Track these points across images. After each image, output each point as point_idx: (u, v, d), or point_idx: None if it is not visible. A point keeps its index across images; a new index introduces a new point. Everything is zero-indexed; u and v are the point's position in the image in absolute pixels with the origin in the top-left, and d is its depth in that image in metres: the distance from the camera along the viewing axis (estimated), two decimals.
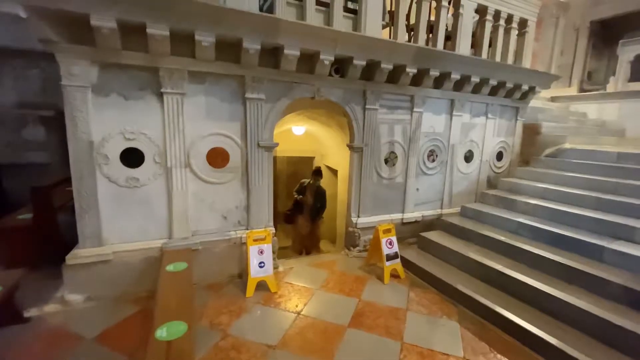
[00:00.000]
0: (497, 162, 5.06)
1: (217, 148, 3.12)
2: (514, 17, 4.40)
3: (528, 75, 4.58)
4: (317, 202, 4.76)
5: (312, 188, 4.76)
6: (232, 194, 3.28)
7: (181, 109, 2.91)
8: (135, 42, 2.64)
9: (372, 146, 4.00)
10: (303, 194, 4.79)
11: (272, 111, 3.32)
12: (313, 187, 4.75)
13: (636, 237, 3.07)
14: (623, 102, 6.51)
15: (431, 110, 4.32)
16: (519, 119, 5.04)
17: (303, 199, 4.78)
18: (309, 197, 4.76)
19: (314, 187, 4.75)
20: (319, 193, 4.77)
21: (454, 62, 3.89)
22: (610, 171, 4.00)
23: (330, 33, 3.14)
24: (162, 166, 2.96)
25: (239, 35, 2.79)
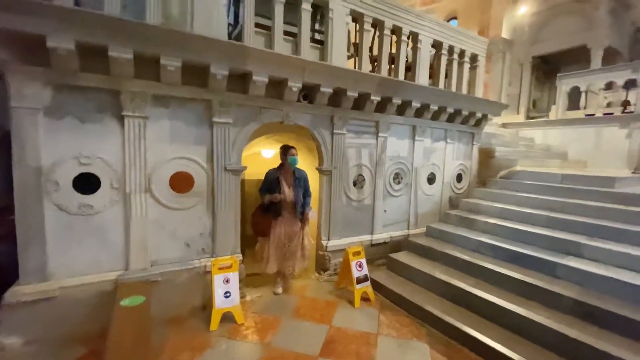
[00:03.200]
0: (457, 184, 5.34)
1: (181, 172, 3.02)
2: (466, 52, 4.84)
3: (480, 104, 4.99)
4: (299, 191, 3.55)
5: (286, 174, 3.57)
6: (196, 220, 3.15)
7: (143, 133, 2.81)
8: (96, 64, 2.55)
9: (341, 169, 4.08)
10: (275, 189, 3.48)
11: (240, 135, 3.30)
12: (288, 171, 3.57)
13: (583, 252, 3.32)
14: (564, 128, 7.25)
15: (395, 135, 4.52)
16: (475, 143, 5.41)
17: (278, 197, 3.43)
18: (287, 189, 3.51)
19: (289, 171, 3.57)
20: (298, 177, 3.58)
21: (414, 91, 4.16)
22: (556, 191, 4.36)
23: (298, 62, 3.25)
24: (120, 192, 2.80)
25: (207, 61, 2.80)
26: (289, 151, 3.54)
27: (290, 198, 3.52)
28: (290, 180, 3.58)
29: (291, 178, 3.58)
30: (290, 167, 3.58)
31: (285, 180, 3.56)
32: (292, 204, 3.56)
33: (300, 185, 3.59)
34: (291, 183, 3.57)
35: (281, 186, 3.52)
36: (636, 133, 6.14)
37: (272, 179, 3.53)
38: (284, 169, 3.59)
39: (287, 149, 3.55)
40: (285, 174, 3.58)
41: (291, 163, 3.54)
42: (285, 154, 3.55)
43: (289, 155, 3.52)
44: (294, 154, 3.54)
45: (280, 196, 3.46)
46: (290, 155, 3.51)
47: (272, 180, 3.53)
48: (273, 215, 3.52)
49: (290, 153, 3.52)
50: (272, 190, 3.48)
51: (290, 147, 3.57)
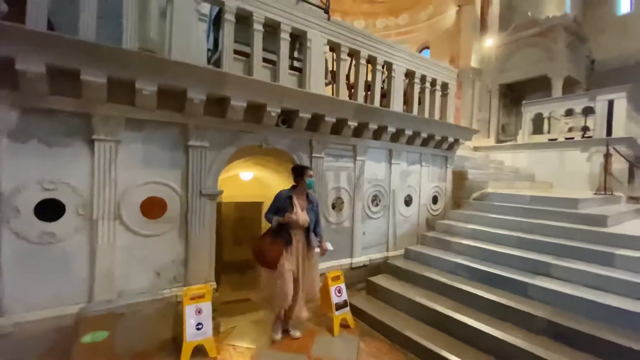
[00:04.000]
0: (433, 206, 5.47)
1: (154, 197, 2.93)
2: (437, 81, 5.11)
3: (452, 129, 5.23)
4: (312, 217, 3.21)
5: (300, 196, 3.20)
6: (168, 246, 3.02)
7: (114, 157, 2.73)
8: (67, 87, 2.49)
9: (320, 192, 4.09)
10: (287, 210, 3.07)
11: (216, 159, 3.27)
12: (301, 194, 3.22)
13: (552, 272, 3.44)
14: (530, 151, 7.68)
15: (373, 159, 4.62)
16: (448, 166, 5.61)
17: (293, 217, 3.02)
18: (300, 211, 3.11)
19: (303, 193, 3.23)
20: (312, 201, 3.26)
21: (389, 117, 4.31)
22: (525, 212, 4.55)
23: (277, 88, 3.31)
24: (86, 219, 2.67)
25: (184, 86, 2.80)
26: (305, 172, 3.18)
27: (304, 222, 3.11)
28: (304, 204, 3.20)
29: (305, 201, 3.22)
30: (304, 190, 3.23)
31: (298, 198, 3.17)
32: (305, 231, 3.18)
33: (314, 210, 3.24)
34: (305, 206, 3.19)
35: (294, 207, 3.10)
36: (595, 156, 6.57)
37: (283, 198, 3.13)
38: (298, 191, 3.21)
39: (303, 170, 3.20)
40: (298, 196, 3.19)
41: (309, 185, 3.19)
42: (301, 174, 3.18)
43: (306, 177, 3.16)
44: (312, 175, 3.23)
45: (293, 216, 3.03)
46: (308, 177, 3.17)
47: (284, 200, 3.11)
48: (284, 242, 3.05)
49: (308, 174, 3.17)
50: (284, 211, 3.07)
51: (305, 167, 3.28)
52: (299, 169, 3.24)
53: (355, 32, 4.13)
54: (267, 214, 3.17)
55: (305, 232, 3.19)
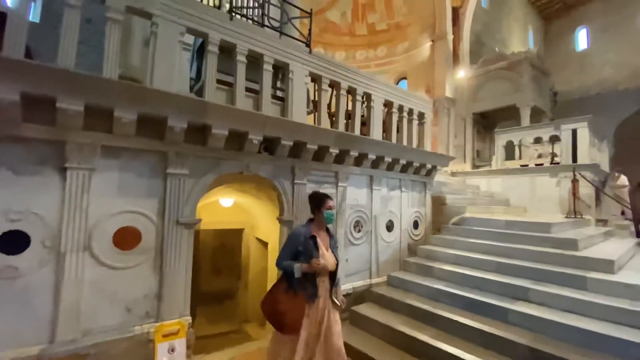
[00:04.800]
0: (414, 230, 5.53)
1: (128, 227, 2.81)
2: (414, 111, 5.35)
3: (429, 156, 5.42)
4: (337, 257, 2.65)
5: (321, 232, 2.65)
6: (141, 279, 2.87)
7: (87, 186, 2.63)
8: (40, 114, 2.43)
9: (302, 219, 4.05)
10: (311, 254, 2.46)
11: (196, 186, 3.21)
12: (321, 228, 2.67)
13: (531, 297, 3.51)
14: (504, 177, 8.02)
15: (354, 185, 4.68)
16: (427, 191, 5.75)
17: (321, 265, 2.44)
18: (326, 252, 2.55)
19: (322, 228, 2.69)
20: (333, 237, 2.74)
21: (369, 144, 4.43)
22: (502, 237, 4.68)
23: (259, 117, 3.35)
24: (53, 251, 2.51)
25: (164, 114, 2.78)
26: (324, 202, 2.62)
27: (332, 265, 2.53)
28: (326, 240, 2.63)
29: (327, 238, 2.65)
30: (323, 224, 2.69)
31: (322, 240, 2.58)
32: (330, 275, 2.57)
33: (336, 247, 2.68)
34: (329, 245, 2.62)
35: (319, 249, 2.50)
36: (564, 181, 6.94)
37: (304, 238, 2.50)
38: (317, 226, 2.65)
39: (321, 200, 2.63)
40: (319, 232, 2.61)
41: (327, 219, 2.64)
42: (318, 205, 2.62)
43: (324, 208, 2.61)
44: (332, 206, 2.65)
45: (322, 263, 2.43)
46: (327, 209, 2.61)
47: (305, 241, 2.49)
48: (308, 297, 2.41)
49: (327, 205, 2.62)
50: (305, 255, 2.46)
51: (325, 196, 2.68)
52: (317, 199, 2.66)
53: (336, 65, 4.31)
54: (282, 261, 2.53)
55: (330, 276, 2.58)
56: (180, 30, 3.07)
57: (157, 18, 2.94)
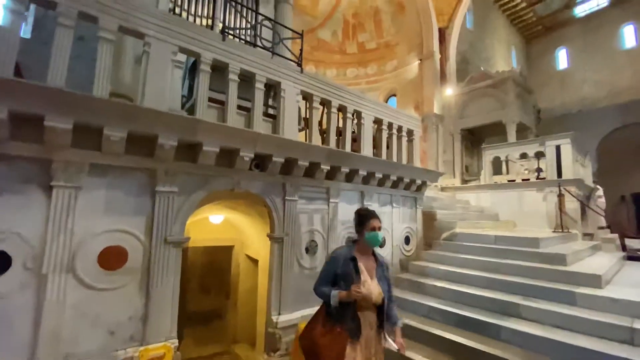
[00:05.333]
0: (406, 246, 5.54)
1: (114, 247, 2.74)
2: (403, 128, 5.46)
3: (419, 172, 5.50)
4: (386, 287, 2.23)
5: (365, 256, 2.28)
6: (125, 301, 2.77)
7: (73, 204, 2.57)
8: (28, 132, 2.39)
9: (293, 236, 4.03)
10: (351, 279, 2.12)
11: (185, 204, 3.17)
12: (366, 252, 2.31)
13: (521, 313, 3.52)
14: (492, 192, 8.16)
15: (345, 201, 4.70)
16: (418, 207, 5.80)
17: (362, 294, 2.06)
18: (369, 279, 2.17)
19: (368, 251, 2.32)
20: (382, 263, 2.33)
21: (360, 161, 4.48)
22: (492, 252, 4.72)
23: (250, 134, 3.37)
24: (34, 273, 2.42)
25: (155, 132, 2.78)
26: (368, 222, 2.25)
27: (377, 298, 2.12)
28: (372, 267, 2.25)
29: (374, 264, 2.27)
30: (369, 247, 2.32)
31: (365, 265, 2.22)
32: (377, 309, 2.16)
33: (386, 277, 2.26)
34: (374, 272, 2.22)
35: (360, 274, 2.15)
36: (550, 196, 7.09)
37: (342, 261, 2.20)
38: (361, 247, 2.30)
39: (364, 218, 2.29)
40: (363, 257, 2.25)
41: (370, 242, 2.25)
42: (361, 224, 2.30)
43: (367, 229, 2.24)
44: (376, 227, 2.24)
45: (363, 289, 2.06)
46: (370, 230, 2.23)
47: (344, 264, 2.18)
48: (350, 333, 2.05)
49: (371, 225, 2.23)
50: (346, 281, 2.11)
51: (369, 214, 2.30)
52: (360, 216, 2.32)
53: (327, 83, 4.40)
54: (319, 286, 2.23)
55: (377, 311, 2.16)
56: (173, 49, 3.11)
57: (149, 38, 2.97)
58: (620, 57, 14.17)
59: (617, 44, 14.40)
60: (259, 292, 4.86)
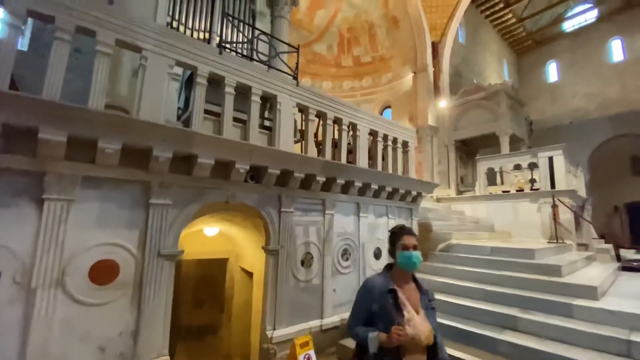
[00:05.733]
0: None
1: (106, 260, 2.69)
2: (398, 140, 5.51)
3: (414, 183, 5.53)
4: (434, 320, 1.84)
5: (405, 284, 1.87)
6: (116, 316, 2.71)
7: (65, 217, 2.54)
8: (20, 145, 2.38)
9: (288, 248, 4.00)
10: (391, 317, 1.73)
11: (179, 216, 3.15)
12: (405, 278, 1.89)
13: (519, 326, 3.49)
14: (487, 202, 8.20)
15: (341, 212, 4.69)
16: (413, 218, 5.81)
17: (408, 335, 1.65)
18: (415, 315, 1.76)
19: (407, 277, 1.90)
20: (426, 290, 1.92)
21: (355, 172, 4.50)
22: (488, 264, 4.71)
23: (246, 146, 3.38)
24: (23, 287, 2.37)
25: (150, 145, 2.77)
26: (399, 239, 1.89)
27: (428, 339, 1.70)
28: (415, 297, 1.83)
29: (417, 292, 1.86)
30: (408, 272, 1.89)
31: (407, 296, 1.80)
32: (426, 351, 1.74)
33: (433, 307, 1.88)
34: (419, 303, 1.81)
35: (402, 309, 1.74)
36: (544, 207, 7.14)
37: (378, 293, 1.80)
38: (398, 273, 1.88)
39: (395, 236, 1.93)
40: (403, 285, 1.84)
41: (404, 265, 1.84)
42: (393, 243, 1.93)
43: (399, 248, 1.86)
44: (409, 245, 1.85)
45: (408, 331, 1.65)
46: (403, 249, 1.84)
47: (381, 297, 1.77)
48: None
49: (403, 244, 1.86)
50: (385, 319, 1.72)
51: (401, 230, 1.95)
52: (392, 234, 1.97)
53: (322, 96, 4.45)
54: (353, 326, 1.87)
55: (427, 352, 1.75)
56: (170, 63, 3.14)
57: (146, 52, 3.00)
58: (608, 71, 14.57)
59: (606, 58, 14.83)
60: (254, 306, 4.79)
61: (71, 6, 2.61)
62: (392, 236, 1.97)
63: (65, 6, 2.59)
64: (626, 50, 14.22)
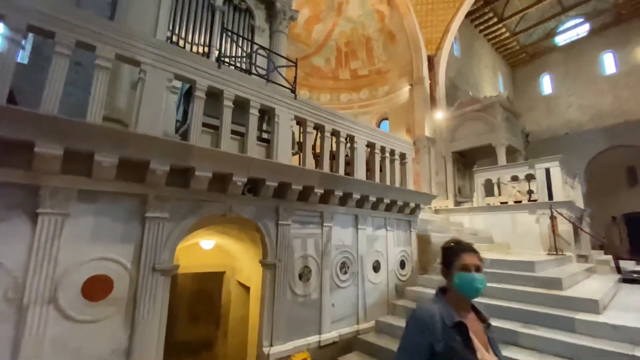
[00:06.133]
0: (401, 271, 5.45)
1: (99, 276, 2.64)
2: (396, 152, 5.53)
3: (412, 195, 5.52)
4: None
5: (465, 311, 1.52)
6: (109, 333, 2.64)
7: (59, 232, 2.50)
8: (16, 158, 2.36)
9: (286, 261, 3.95)
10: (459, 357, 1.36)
11: (175, 230, 3.11)
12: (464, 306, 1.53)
13: (521, 341, 3.42)
14: (485, 214, 8.18)
15: (339, 225, 4.66)
16: (412, 230, 5.77)
17: None
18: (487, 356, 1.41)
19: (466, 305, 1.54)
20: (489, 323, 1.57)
21: (353, 184, 4.49)
22: (488, 276, 4.59)
23: (244, 159, 3.38)
24: (15, 304, 2.31)
25: (147, 158, 2.76)
26: (456, 258, 1.55)
27: None
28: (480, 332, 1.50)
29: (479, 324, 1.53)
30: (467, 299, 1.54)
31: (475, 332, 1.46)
32: None
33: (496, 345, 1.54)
34: (486, 338, 1.50)
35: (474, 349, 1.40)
36: (542, 218, 7.12)
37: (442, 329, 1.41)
38: (456, 299, 1.53)
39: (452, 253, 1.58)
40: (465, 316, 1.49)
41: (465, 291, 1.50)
42: (449, 263, 1.57)
43: (457, 270, 1.52)
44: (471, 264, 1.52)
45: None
46: (460, 269, 1.51)
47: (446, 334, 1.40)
48: None
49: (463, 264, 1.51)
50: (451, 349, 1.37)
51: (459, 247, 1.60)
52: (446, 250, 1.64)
53: (320, 109, 4.49)
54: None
55: None
56: (168, 76, 3.16)
57: (145, 66, 3.02)
58: (601, 83, 14.82)
59: (598, 71, 15.10)
60: (250, 321, 4.70)
61: (72, 21, 2.64)
62: (447, 253, 1.61)
63: (65, 21, 2.62)
64: (618, 63, 14.50)
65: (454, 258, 1.56)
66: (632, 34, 14.21)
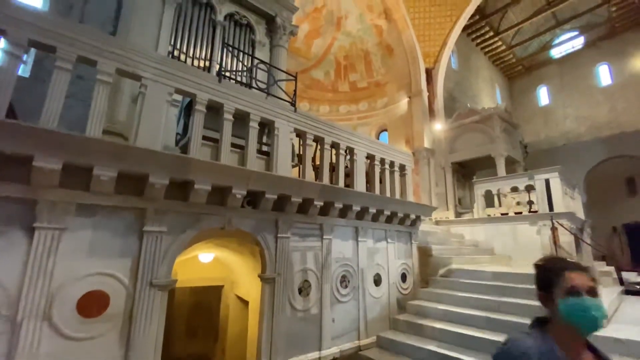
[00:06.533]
0: (402, 284, 5.38)
1: (95, 291, 2.59)
2: (395, 163, 5.54)
3: (412, 207, 5.50)
4: None
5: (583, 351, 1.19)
6: (104, 351, 2.57)
7: (55, 246, 2.47)
8: (13, 172, 2.35)
9: (285, 275, 3.89)
10: None
11: (174, 244, 3.07)
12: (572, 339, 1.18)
13: None
14: (486, 225, 8.13)
15: (340, 237, 4.62)
16: (413, 242, 5.73)
17: None
18: None
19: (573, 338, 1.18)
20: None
21: (353, 196, 4.48)
22: (490, 290, 4.59)
23: (243, 172, 3.37)
24: (9, 320, 2.26)
25: (146, 171, 2.76)
26: (562, 278, 1.21)
27: None
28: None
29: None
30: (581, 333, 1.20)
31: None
32: None
33: None
34: None
35: None
36: (543, 229, 7.08)
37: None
38: (561, 333, 1.20)
39: (555, 273, 1.24)
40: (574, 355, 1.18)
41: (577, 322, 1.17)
42: (549, 284, 1.26)
43: (564, 294, 1.19)
44: (581, 286, 1.17)
45: None
46: (571, 294, 1.17)
47: None
48: None
49: (572, 286, 1.18)
50: None
51: (568, 264, 1.26)
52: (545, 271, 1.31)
53: (319, 122, 4.51)
54: None
55: None
56: (169, 90, 3.19)
57: (146, 80, 3.05)
58: (597, 94, 14.99)
59: (594, 82, 15.30)
60: (249, 335, 4.60)
61: (73, 36, 2.67)
62: (546, 273, 1.25)
63: (67, 36, 2.65)
64: (614, 75, 14.70)
65: (556, 278, 1.21)
66: (626, 46, 14.46)
